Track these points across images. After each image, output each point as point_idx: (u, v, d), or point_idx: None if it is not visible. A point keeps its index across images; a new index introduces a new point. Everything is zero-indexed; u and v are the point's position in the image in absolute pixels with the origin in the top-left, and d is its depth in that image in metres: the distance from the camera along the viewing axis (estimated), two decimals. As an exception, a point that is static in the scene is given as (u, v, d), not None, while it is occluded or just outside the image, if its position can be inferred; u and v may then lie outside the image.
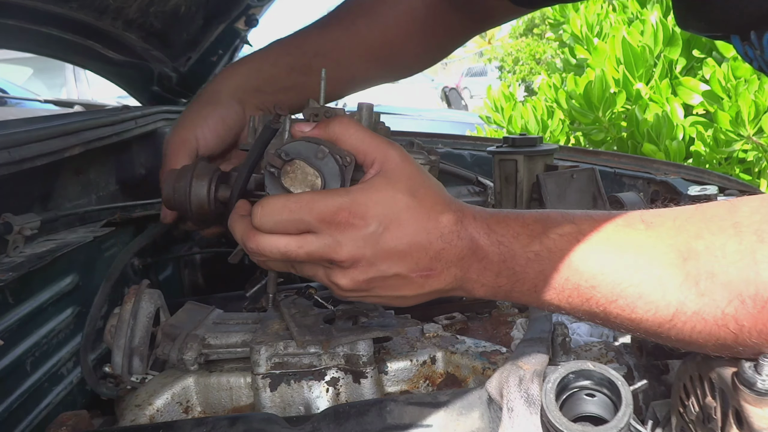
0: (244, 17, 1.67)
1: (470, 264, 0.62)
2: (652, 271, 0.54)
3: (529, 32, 10.61)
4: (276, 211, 0.60)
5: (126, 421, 0.82)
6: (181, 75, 1.74)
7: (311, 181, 0.63)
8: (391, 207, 0.60)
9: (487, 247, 0.61)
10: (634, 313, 0.55)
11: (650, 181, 1.41)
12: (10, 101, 2.97)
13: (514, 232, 0.61)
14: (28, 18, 1.31)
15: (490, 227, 0.61)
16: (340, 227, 0.59)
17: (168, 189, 0.82)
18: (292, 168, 0.63)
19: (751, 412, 0.49)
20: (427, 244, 0.61)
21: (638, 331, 0.57)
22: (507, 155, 1.29)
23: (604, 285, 0.56)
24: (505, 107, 4.03)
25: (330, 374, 0.84)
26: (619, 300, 0.56)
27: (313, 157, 0.63)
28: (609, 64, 3.25)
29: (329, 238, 0.60)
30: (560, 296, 0.59)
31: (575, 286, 0.58)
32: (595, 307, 0.58)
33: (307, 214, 0.59)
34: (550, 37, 8.93)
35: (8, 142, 0.96)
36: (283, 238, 0.61)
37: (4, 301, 0.90)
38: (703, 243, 0.52)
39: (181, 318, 0.95)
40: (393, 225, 0.59)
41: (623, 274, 0.55)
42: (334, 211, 0.59)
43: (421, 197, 0.61)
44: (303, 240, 0.61)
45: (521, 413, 0.60)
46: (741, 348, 0.51)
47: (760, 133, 2.56)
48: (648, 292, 0.54)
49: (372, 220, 0.59)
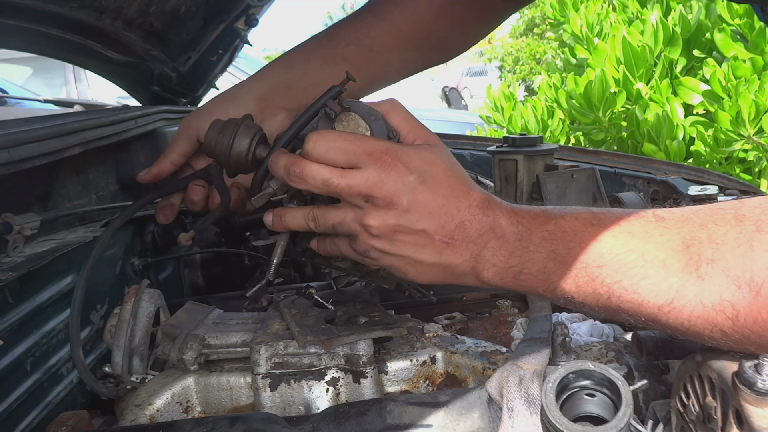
0: (244, 17, 1.67)
1: (488, 240, 0.66)
2: (658, 255, 0.56)
3: (530, 32, 10.61)
4: (331, 139, 0.65)
5: (126, 421, 0.82)
6: (181, 75, 1.74)
7: (361, 133, 0.68)
8: (432, 166, 0.65)
9: (506, 226, 0.65)
10: (637, 294, 0.57)
11: (650, 180, 1.41)
12: (10, 101, 2.97)
13: (533, 214, 0.65)
14: (28, 18, 1.31)
15: (513, 210, 0.67)
16: (385, 166, 0.64)
17: (212, 135, 0.82)
18: (347, 118, 0.67)
19: (752, 412, 0.49)
20: (455, 211, 0.66)
21: (638, 315, 0.58)
22: (507, 155, 1.29)
23: (610, 265, 0.58)
24: (505, 107, 4.03)
25: (330, 374, 0.84)
26: (623, 280, 0.57)
27: (367, 116, 0.68)
28: (609, 63, 3.25)
29: (373, 174, 0.64)
30: (567, 277, 0.61)
31: (584, 265, 0.60)
32: (599, 288, 0.59)
33: (358, 147, 0.64)
34: (550, 37, 8.93)
35: (8, 142, 0.96)
36: (329, 168, 0.65)
37: (4, 301, 0.90)
38: (706, 232, 0.55)
39: (181, 318, 0.95)
40: (430, 181, 0.65)
41: (630, 256, 0.57)
42: (383, 150, 0.64)
43: (458, 172, 0.68)
44: (348, 172, 0.65)
45: (521, 413, 0.60)
46: (738, 337, 0.52)
47: (760, 133, 2.56)
48: (651, 274, 0.56)
49: (414, 170, 0.64)
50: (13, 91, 3.29)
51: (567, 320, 0.95)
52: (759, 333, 0.50)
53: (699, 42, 3.16)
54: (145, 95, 1.81)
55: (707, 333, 0.54)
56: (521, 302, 1.06)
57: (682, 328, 0.55)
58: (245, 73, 4.68)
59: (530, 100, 4.29)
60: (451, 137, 1.97)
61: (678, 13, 3.18)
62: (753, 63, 2.73)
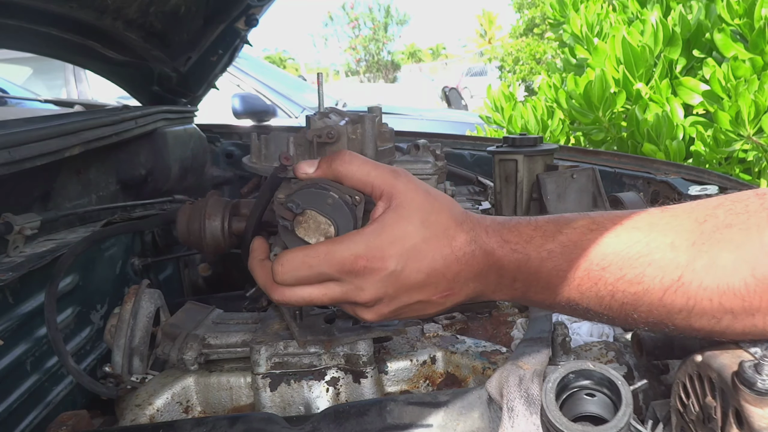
0: (244, 17, 1.66)
1: (487, 276, 0.64)
2: (664, 240, 0.55)
3: (530, 32, 10.62)
4: (295, 268, 0.61)
5: (126, 420, 0.82)
6: (181, 75, 1.74)
7: (324, 229, 0.63)
8: (407, 243, 0.61)
9: (502, 258, 0.62)
10: (641, 284, 0.56)
11: (650, 180, 1.41)
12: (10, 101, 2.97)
13: (527, 237, 0.62)
14: (28, 18, 1.31)
15: (504, 237, 0.62)
16: (360, 274, 0.60)
17: (182, 228, 0.81)
18: (305, 218, 0.63)
19: (752, 412, 0.49)
20: (444, 270, 0.62)
21: (642, 306, 0.57)
22: (507, 155, 1.29)
23: (614, 264, 0.57)
24: (505, 107, 4.03)
25: (330, 374, 0.84)
26: (627, 274, 0.56)
27: (323, 204, 0.63)
28: (609, 64, 3.25)
29: (351, 285, 0.62)
30: (571, 287, 0.60)
31: (586, 272, 0.59)
32: (603, 290, 0.58)
33: (326, 267, 0.61)
34: (550, 37, 8.93)
35: (8, 142, 0.96)
36: (307, 288, 0.63)
37: (4, 301, 0.90)
38: (722, 209, 0.54)
39: (181, 318, 0.95)
40: (410, 260, 0.61)
41: (634, 249, 0.56)
42: (352, 260, 0.60)
43: (434, 224, 0.62)
44: (326, 288, 0.62)
45: (521, 413, 0.60)
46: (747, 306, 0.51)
47: (760, 133, 2.55)
48: (657, 258, 0.55)
49: (390, 261, 0.60)
50: (13, 91, 3.28)
51: (567, 320, 0.95)
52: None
53: (699, 42, 3.16)
54: (145, 95, 1.81)
55: (717, 306, 0.53)
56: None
57: (686, 307, 0.54)
58: (245, 73, 4.68)
59: (530, 100, 4.28)
60: (451, 137, 1.97)
61: (678, 13, 3.18)
62: (753, 63, 2.73)
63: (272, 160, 0.72)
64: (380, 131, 0.78)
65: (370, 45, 27.15)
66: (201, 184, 1.89)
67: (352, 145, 0.71)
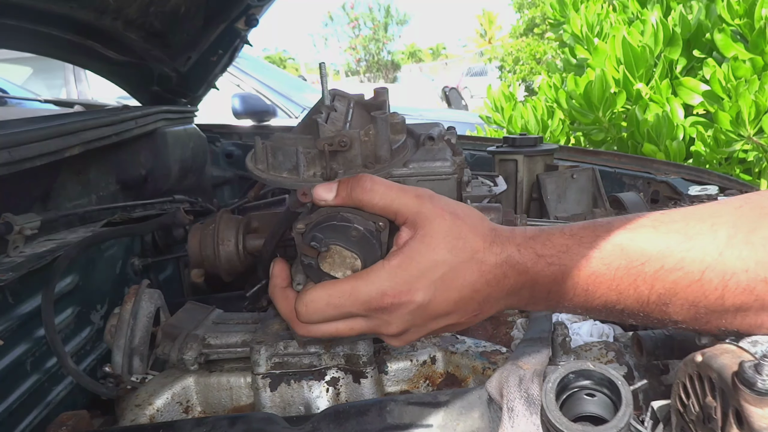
0: (244, 17, 1.66)
1: (520, 292, 0.62)
2: (702, 226, 0.55)
3: (530, 32, 10.62)
4: (320, 309, 0.59)
5: (126, 420, 0.82)
6: (181, 75, 1.74)
7: (350, 263, 0.61)
8: (434, 274, 0.58)
9: (537, 274, 0.60)
10: (681, 270, 0.55)
11: (650, 181, 1.41)
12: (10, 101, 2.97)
13: (562, 247, 0.60)
14: (28, 18, 1.30)
15: (537, 252, 0.60)
16: (387, 310, 0.59)
17: (194, 252, 0.78)
18: (330, 254, 0.60)
19: (752, 412, 0.48)
20: (473, 294, 0.60)
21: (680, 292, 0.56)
22: (507, 155, 1.29)
23: (654, 257, 0.56)
24: (505, 107, 4.03)
25: (330, 374, 0.84)
26: (666, 264, 0.56)
27: (347, 238, 0.60)
28: (609, 64, 3.25)
29: (378, 320, 0.60)
30: (609, 289, 0.59)
31: (625, 270, 0.57)
32: (642, 285, 0.57)
33: (351, 306, 0.59)
34: (550, 37, 8.93)
35: (8, 142, 0.96)
36: (333, 324, 0.61)
37: (4, 301, 0.90)
38: (756, 195, 0.56)
39: (181, 318, 0.95)
40: (439, 291, 0.59)
41: (673, 239, 0.56)
42: (378, 298, 0.58)
43: (461, 250, 0.59)
44: (352, 322, 0.61)
45: (521, 413, 0.60)
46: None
47: (760, 134, 2.55)
48: (697, 243, 0.55)
49: (417, 295, 0.58)
50: (13, 91, 3.28)
51: (567, 320, 0.95)
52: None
53: (699, 42, 3.16)
54: (145, 95, 1.81)
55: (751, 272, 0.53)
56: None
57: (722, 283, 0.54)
58: (245, 73, 4.68)
59: (530, 100, 4.28)
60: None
61: (678, 14, 3.18)
62: (753, 63, 2.73)
63: (281, 170, 0.68)
64: (392, 122, 0.73)
65: (370, 45, 27.15)
66: (201, 184, 1.89)
67: (366, 149, 0.67)
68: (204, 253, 0.78)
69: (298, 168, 0.67)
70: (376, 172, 0.67)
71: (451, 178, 0.70)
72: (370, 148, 0.67)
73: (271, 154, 0.69)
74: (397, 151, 0.71)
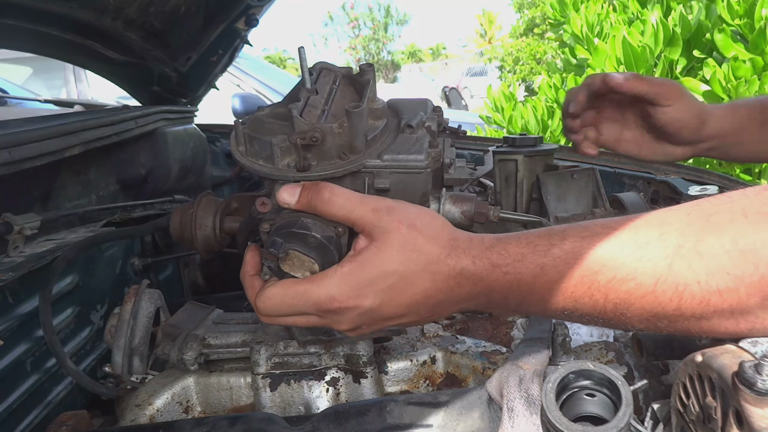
0: (244, 17, 1.66)
1: (477, 298, 0.63)
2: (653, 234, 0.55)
3: (530, 32, 10.62)
4: (275, 306, 0.64)
5: (126, 420, 0.82)
6: (181, 75, 1.74)
7: (309, 266, 0.64)
8: (384, 282, 0.61)
9: (491, 282, 0.62)
10: (633, 280, 0.55)
11: (650, 181, 1.41)
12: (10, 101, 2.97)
13: (518, 256, 0.61)
14: (28, 18, 1.31)
15: (493, 262, 0.62)
16: (336, 313, 0.62)
17: (175, 230, 0.82)
18: (289, 258, 0.64)
19: (752, 412, 0.48)
20: (425, 300, 0.63)
21: (635, 303, 0.56)
22: (507, 155, 1.29)
23: (607, 265, 0.57)
24: (506, 107, 4.03)
25: (330, 374, 0.84)
26: (618, 274, 0.56)
27: (305, 244, 0.64)
28: (609, 64, 3.25)
29: (329, 320, 0.64)
30: (565, 297, 0.60)
31: (579, 279, 0.58)
32: (596, 293, 0.58)
33: (303, 306, 0.63)
34: (550, 37, 8.93)
35: (8, 142, 0.96)
36: (289, 318, 0.66)
37: (4, 301, 0.90)
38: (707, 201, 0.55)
39: (181, 318, 0.95)
40: (387, 298, 0.62)
41: (626, 248, 0.56)
42: (327, 301, 0.62)
43: (415, 261, 0.62)
44: (307, 318, 0.65)
45: (521, 413, 0.60)
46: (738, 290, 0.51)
47: (760, 133, 2.55)
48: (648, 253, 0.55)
49: (366, 300, 0.61)
50: (13, 91, 3.28)
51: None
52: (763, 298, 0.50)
53: (699, 42, 3.16)
54: (145, 95, 1.81)
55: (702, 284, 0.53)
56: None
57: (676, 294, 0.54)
58: (245, 73, 4.68)
59: (530, 100, 4.29)
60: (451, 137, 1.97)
61: (678, 14, 3.18)
62: (753, 63, 2.73)
63: (257, 157, 0.69)
64: (371, 108, 0.72)
65: (370, 45, 27.16)
66: (201, 184, 1.89)
67: (340, 139, 0.68)
68: (184, 235, 0.80)
69: (273, 158, 0.68)
70: (350, 163, 0.68)
71: (424, 171, 0.70)
72: (344, 139, 0.68)
73: (248, 142, 0.70)
74: (373, 140, 0.70)
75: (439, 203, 0.73)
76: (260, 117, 0.71)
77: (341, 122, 0.67)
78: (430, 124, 0.75)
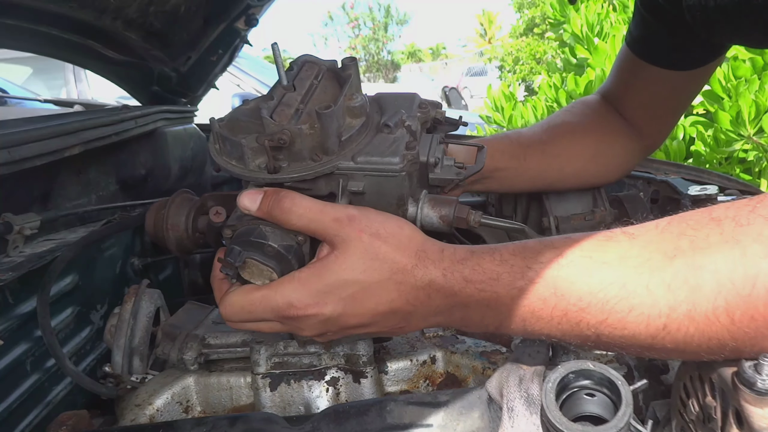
0: (244, 17, 1.66)
1: (451, 311, 0.62)
2: (640, 280, 0.53)
3: (530, 32, 10.62)
4: (237, 312, 0.64)
5: (126, 420, 0.82)
6: (181, 75, 1.74)
7: (268, 274, 0.64)
8: (343, 292, 0.60)
9: (465, 298, 0.60)
10: (626, 329, 0.54)
11: (650, 180, 1.41)
12: (10, 101, 2.97)
13: (492, 275, 0.59)
14: (28, 18, 1.31)
15: (466, 278, 0.60)
16: (296, 319, 0.62)
17: (150, 228, 0.81)
18: (247, 266, 0.64)
19: (752, 412, 0.49)
20: (392, 311, 0.61)
21: (631, 347, 0.56)
22: (507, 155, 1.29)
23: (592, 306, 0.55)
24: (506, 107, 4.04)
25: (330, 374, 0.84)
26: (609, 318, 0.54)
27: (263, 253, 0.63)
28: (609, 63, 3.25)
29: (290, 326, 0.65)
30: (550, 325, 0.58)
31: (563, 312, 0.56)
32: (586, 330, 0.56)
33: (263, 313, 0.63)
34: (550, 37, 8.93)
35: (8, 142, 0.96)
36: (253, 324, 0.66)
37: (4, 301, 0.90)
38: (687, 240, 0.52)
39: (181, 318, 0.95)
40: (349, 307, 0.61)
41: (611, 291, 0.54)
42: (285, 307, 0.61)
43: (377, 270, 0.60)
44: (269, 325, 0.65)
45: (521, 413, 0.60)
46: (734, 344, 0.50)
47: (760, 133, 2.55)
48: (638, 304, 0.53)
49: (326, 308, 0.61)
50: (13, 91, 3.28)
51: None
52: (754, 331, 0.49)
53: (699, 42, 3.15)
54: (145, 95, 1.81)
55: (705, 348, 0.52)
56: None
57: (678, 350, 0.53)
58: (245, 73, 4.68)
59: (530, 100, 4.29)
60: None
61: (678, 13, 3.18)
62: (753, 63, 2.73)
63: (230, 157, 0.67)
64: (349, 106, 0.69)
65: (370, 45, 27.17)
66: (201, 184, 1.89)
67: (312, 141, 0.65)
68: (157, 235, 0.80)
69: (244, 159, 0.66)
70: (322, 165, 0.66)
71: (399, 175, 0.66)
72: (317, 140, 0.66)
73: (221, 141, 0.68)
74: (348, 140, 0.67)
75: (417, 206, 0.70)
76: (237, 115, 0.68)
77: (312, 123, 0.65)
78: (411, 123, 0.71)
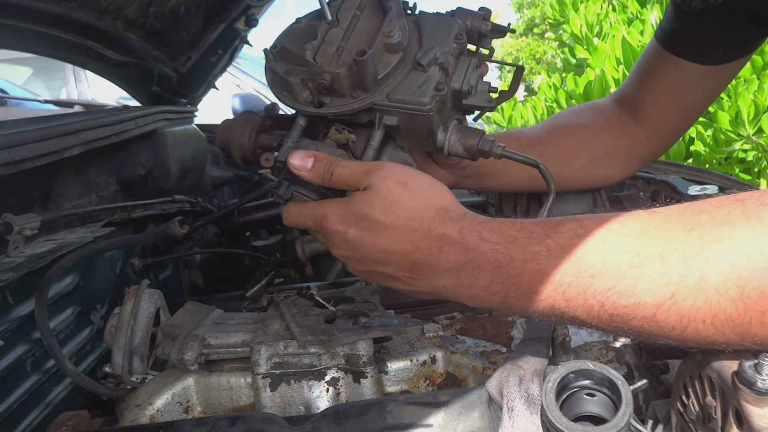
0: (244, 17, 1.66)
1: (460, 272, 0.63)
2: (655, 250, 0.53)
3: (529, 32, 10.61)
4: (291, 216, 0.76)
5: (126, 421, 0.82)
6: (181, 75, 1.74)
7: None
8: (365, 223, 0.67)
9: (478, 256, 0.62)
10: (633, 296, 0.53)
11: (650, 180, 1.41)
12: (10, 101, 2.97)
13: (509, 237, 0.61)
14: (28, 18, 1.31)
15: (482, 236, 0.62)
16: (326, 231, 0.72)
17: (218, 140, 0.88)
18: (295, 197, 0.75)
19: (751, 412, 0.49)
20: (403, 253, 0.66)
21: (633, 318, 0.55)
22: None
23: (603, 273, 0.55)
24: (505, 107, 4.04)
25: (330, 374, 0.84)
26: (617, 285, 0.54)
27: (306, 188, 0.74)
28: (609, 63, 3.25)
29: (323, 237, 0.74)
30: (556, 294, 0.58)
31: (573, 278, 0.56)
32: (590, 299, 0.56)
33: (308, 219, 0.74)
34: (550, 37, 8.93)
35: (8, 142, 0.96)
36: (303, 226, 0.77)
37: (4, 301, 0.90)
38: (708, 215, 0.53)
39: (181, 318, 0.95)
40: (366, 238, 0.67)
41: (624, 259, 0.54)
42: (322, 218, 0.71)
43: (394, 213, 0.66)
44: (315, 233, 0.77)
45: (521, 413, 0.60)
46: (741, 321, 0.50)
47: (759, 133, 2.55)
48: (649, 272, 0.53)
49: (349, 229, 0.69)
50: (13, 91, 3.28)
51: (567, 320, 0.95)
52: (763, 307, 0.48)
53: (699, 42, 3.15)
54: (145, 95, 1.81)
55: (709, 323, 0.51)
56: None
57: (681, 325, 0.52)
58: (245, 73, 4.68)
59: (530, 100, 4.29)
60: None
61: (678, 13, 3.18)
62: (753, 63, 2.73)
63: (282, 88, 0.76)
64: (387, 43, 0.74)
65: (370, 45, 27.09)
66: (201, 184, 1.88)
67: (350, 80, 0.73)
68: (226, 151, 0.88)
69: (293, 93, 0.75)
70: (361, 102, 0.73)
71: (427, 114, 0.73)
72: (355, 80, 0.72)
73: (273, 74, 0.77)
74: (385, 78, 0.73)
75: (446, 135, 0.77)
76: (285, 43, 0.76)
77: (350, 66, 0.71)
78: (443, 61, 0.75)
